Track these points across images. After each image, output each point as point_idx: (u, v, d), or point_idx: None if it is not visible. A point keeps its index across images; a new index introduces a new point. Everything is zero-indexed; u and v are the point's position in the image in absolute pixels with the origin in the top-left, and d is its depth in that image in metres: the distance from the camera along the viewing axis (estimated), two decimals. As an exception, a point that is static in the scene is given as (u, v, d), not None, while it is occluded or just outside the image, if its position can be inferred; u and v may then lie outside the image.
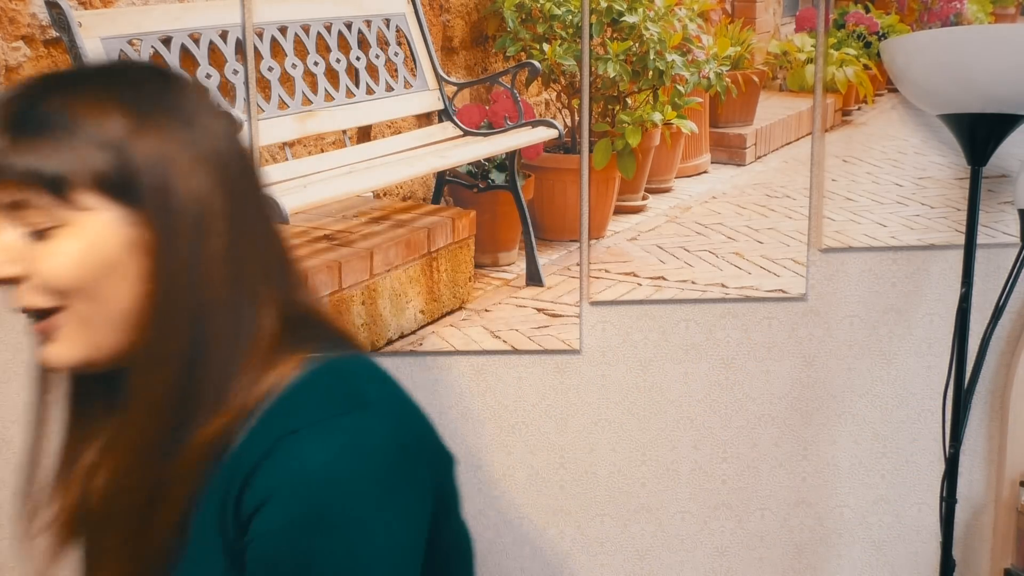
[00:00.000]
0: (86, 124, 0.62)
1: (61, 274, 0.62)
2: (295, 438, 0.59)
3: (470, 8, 1.24)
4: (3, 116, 0.62)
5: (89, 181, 0.61)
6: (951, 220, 1.33)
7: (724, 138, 1.30)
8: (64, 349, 0.65)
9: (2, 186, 0.61)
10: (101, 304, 0.63)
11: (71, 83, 0.64)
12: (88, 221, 0.62)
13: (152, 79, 0.66)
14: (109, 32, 1.19)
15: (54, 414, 0.76)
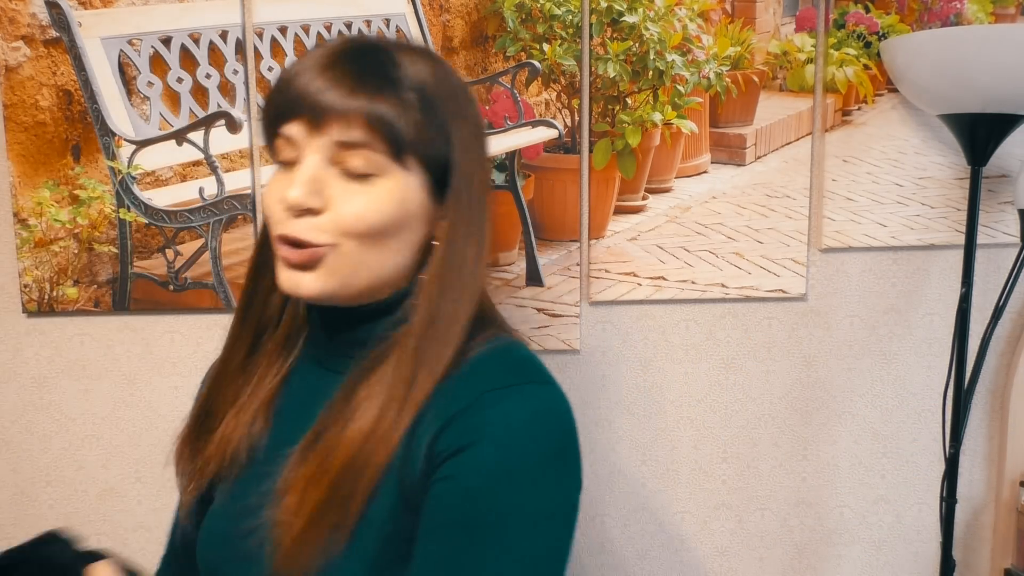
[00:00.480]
0: (440, 107, 0.70)
1: (365, 218, 0.67)
2: (500, 393, 0.67)
3: (470, 8, 1.24)
4: (371, 64, 0.68)
5: (422, 151, 0.69)
6: (951, 220, 1.33)
7: (724, 138, 1.30)
8: (320, 280, 0.69)
9: (349, 123, 0.66)
10: (377, 254, 0.70)
11: (430, 59, 0.72)
12: (405, 180, 0.69)
13: (459, 83, 0.74)
14: (109, 32, 1.19)
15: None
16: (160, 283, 1.25)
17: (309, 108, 0.67)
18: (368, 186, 0.68)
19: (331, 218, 0.68)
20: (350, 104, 0.66)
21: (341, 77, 0.67)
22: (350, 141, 0.67)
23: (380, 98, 0.66)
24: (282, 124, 0.69)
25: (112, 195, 1.22)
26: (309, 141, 0.68)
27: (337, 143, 0.67)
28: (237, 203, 1.24)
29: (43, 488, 1.29)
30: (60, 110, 1.20)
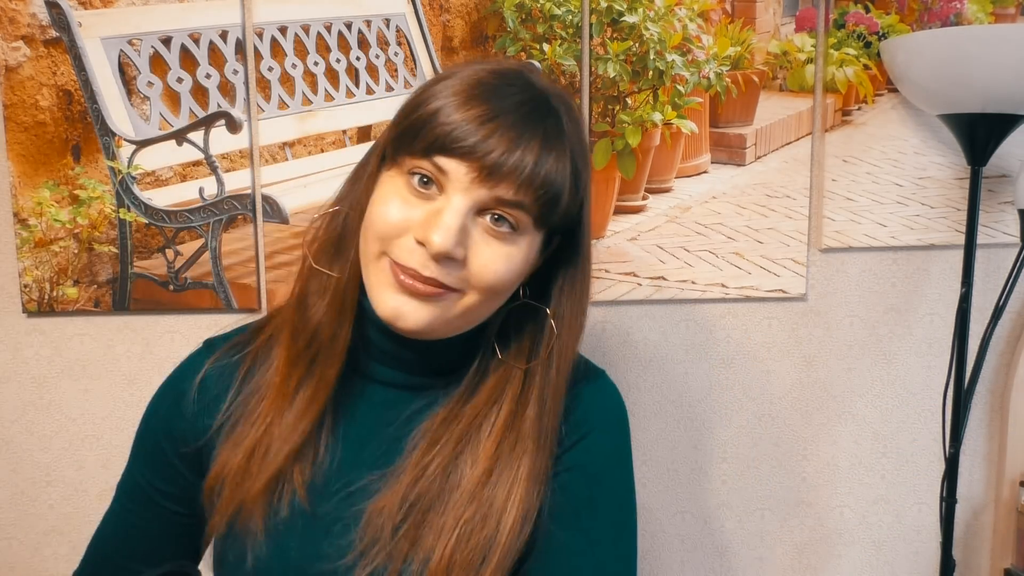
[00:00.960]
0: (583, 176, 0.72)
1: (500, 277, 0.69)
2: (589, 387, 0.79)
3: (470, 8, 1.24)
4: (553, 130, 0.68)
5: (561, 221, 0.71)
6: (951, 220, 1.33)
7: (724, 138, 1.30)
8: (428, 317, 0.69)
9: (521, 189, 0.66)
10: (489, 304, 0.72)
11: (576, 115, 0.73)
12: (533, 241, 0.71)
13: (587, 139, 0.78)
14: (109, 32, 1.19)
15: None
16: (160, 283, 1.25)
17: (489, 161, 0.65)
18: (506, 246, 0.69)
19: (471, 272, 0.68)
20: (533, 172, 0.66)
21: (529, 140, 0.66)
22: (515, 201, 0.66)
23: (555, 172, 0.67)
24: (444, 157, 0.66)
25: (112, 195, 1.22)
26: (468, 186, 0.66)
27: (498, 199, 0.66)
28: (237, 203, 1.24)
29: (43, 488, 1.29)
30: (60, 110, 1.20)
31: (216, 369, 0.81)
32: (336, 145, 1.25)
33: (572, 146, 0.69)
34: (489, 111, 0.66)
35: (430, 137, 0.66)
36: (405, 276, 0.67)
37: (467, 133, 0.65)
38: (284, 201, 1.25)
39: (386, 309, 0.69)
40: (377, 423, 0.76)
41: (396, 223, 0.68)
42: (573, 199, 0.71)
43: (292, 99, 1.24)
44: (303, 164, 1.25)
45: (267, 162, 1.24)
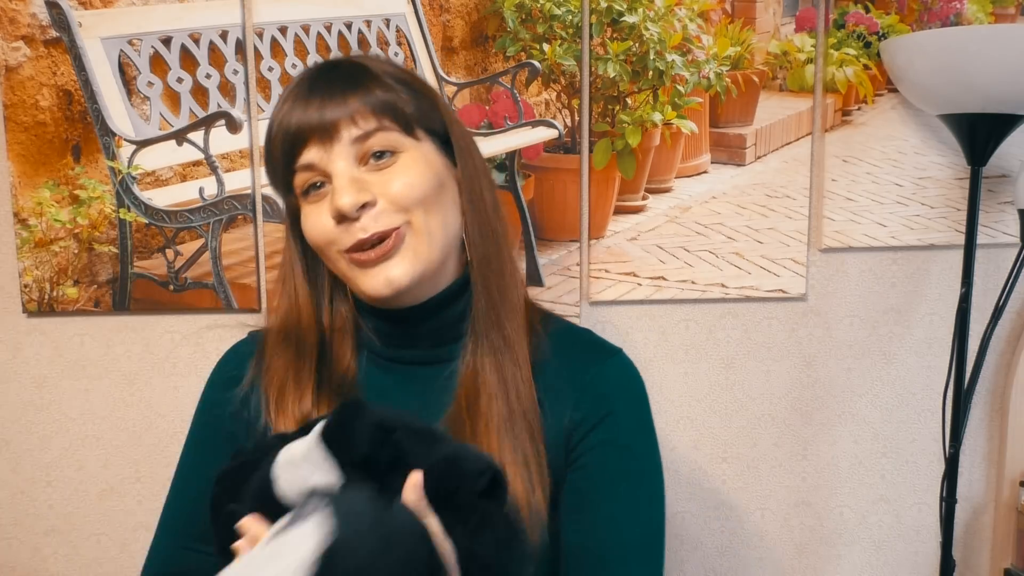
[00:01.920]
0: (419, 87, 0.78)
1: (412, 188, 0.74)
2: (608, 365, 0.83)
3: (470, 8, 1.24)
4: (347, 71, 0.75)
5: (425, 123, 0.77)
6: (951, 220, 1.33)
7: (724, 138, 1.30)
8: (406, 263, 0.74)
9: (356, 119, 0.72)
10: (436, 215, 0.76)
11: (381, 59, 0.80)
12: (422, 148, 0.76)
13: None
14: (109, 32, 1.19)
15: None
16: (160, 283, 1.25)
17: (315, 126, 0.72)
18: (396, 164, 0.74)
19: (387, 201, 0.74)
20: (351, 104, 0.72)
21: (328, 89, 0.73)
22: (364, 132, 0.73)
23: (372, 89, 0.74)
24: (297, 158, 0.74)
25: (112, 195, 1.22)
26: (328, 154, 0.73)
27: (354, 139, 0.73)
28: (237, 203, 1.24)
29: (43, 488, 1.29)
30: (60, 110, 1.20)
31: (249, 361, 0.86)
32: (336, 145, 1.25)
33: (379, 68, 0.76)
34: (299, 93, 0.74)
35: (278, 154, 0.75)
36: (362, 255, 0.74)
37: (289, 125, 0.74)
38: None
39: (375, 287, 0.75)
40: (406, 396, 0.81)
41: (321, 225, 0.75)
42: (418, 100, 0.77)
43: (292, 99, 1.24)
44: (303, 164, 1.25)
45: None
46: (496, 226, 0.81)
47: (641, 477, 0.82)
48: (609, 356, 0.85)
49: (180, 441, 1.30)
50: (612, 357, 0.85)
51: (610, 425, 0.81)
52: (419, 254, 0.75)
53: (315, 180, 0.75)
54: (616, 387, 0.83)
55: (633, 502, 0.80)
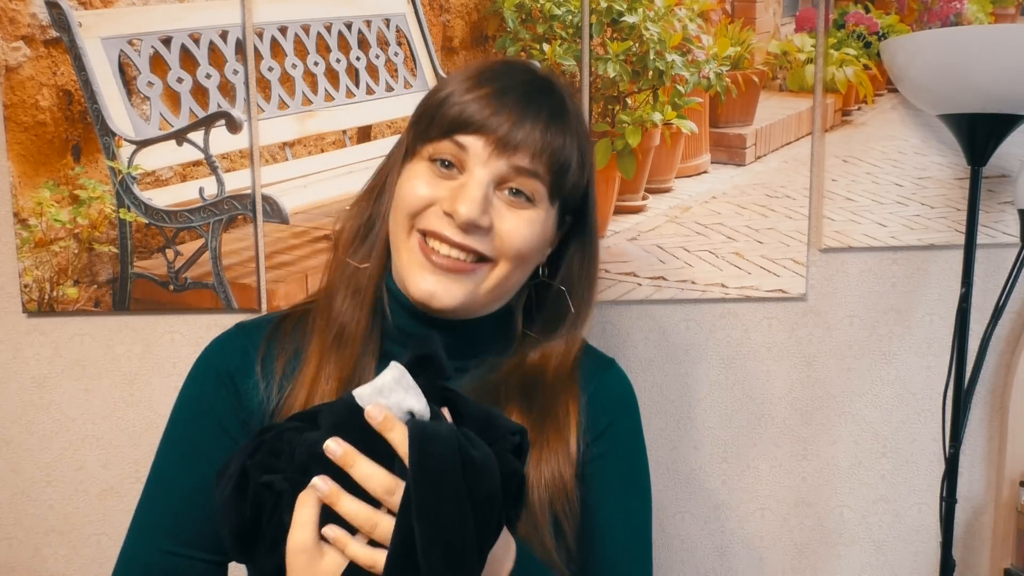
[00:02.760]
0: (586, 148, 0.78)
1: (525, 240, 0.74)
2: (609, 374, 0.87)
3: (470, 8, 1.24)
4: (558, 102, 0.75)
5: (568, 193, 0.77)
6: (951, 220, 1.33)
7: (724, 138, 1.30)
8: (460, 290, 0.74)
9: (535, 156, 0.72)
10: (516, 273, 0.77)
11: (576, 101, 0.80)
12: (550, 213, 0.77)
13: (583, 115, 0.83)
14: (109, 32, 1.19)
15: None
16: (160, 283, 1.25)
17: (503, 132, 0.71)
18: (525, 213, 0.74)
19: (497, 236, 0.74)
20: (544, 142, 0.72)
21: (537, 113, 0.72)
22: (527, 171, 0.73)
23: (562, 143, 0.73)
24: (462, 134, 0.72)
25: (112, 195, 1.22)
26: (486, 159, 0.72)
27: (514, 168, 0.72)
28: (237, 203, 1.24)
29: (43, 488, 1.29)
30: (60, 110, 1.20)
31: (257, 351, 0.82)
32: (336, 145, 1.25)
33: (575, 124, 0.76)
34: (496, 90, 0.72)
35: (446, 120, 0.73)
36: (437, 257, 0.73)
37: (479, 110, 0.71)
38: (284, 201, 1.25)
39: (420, 290, 0.73)
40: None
41: (424, 196, 0.73)
42: (580, 174, 0.77)
43: (292, 99, 1.24)
44: (303, 164, 1.25)
45: (267, 162, 1.24)
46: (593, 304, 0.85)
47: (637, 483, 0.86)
48: (609, 367, 0.88)
49: (180, 441, 1.30)
50: (612, 368, 0.88)
51: (611, 436, 0.84)
52: (478, 293, 0.75)
53: (452, 159, 0.73)
54: (617, 399, 0.86)
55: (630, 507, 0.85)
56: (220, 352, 0.83)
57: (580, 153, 0.76)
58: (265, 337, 0.82)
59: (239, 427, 0.80)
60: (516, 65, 0.77)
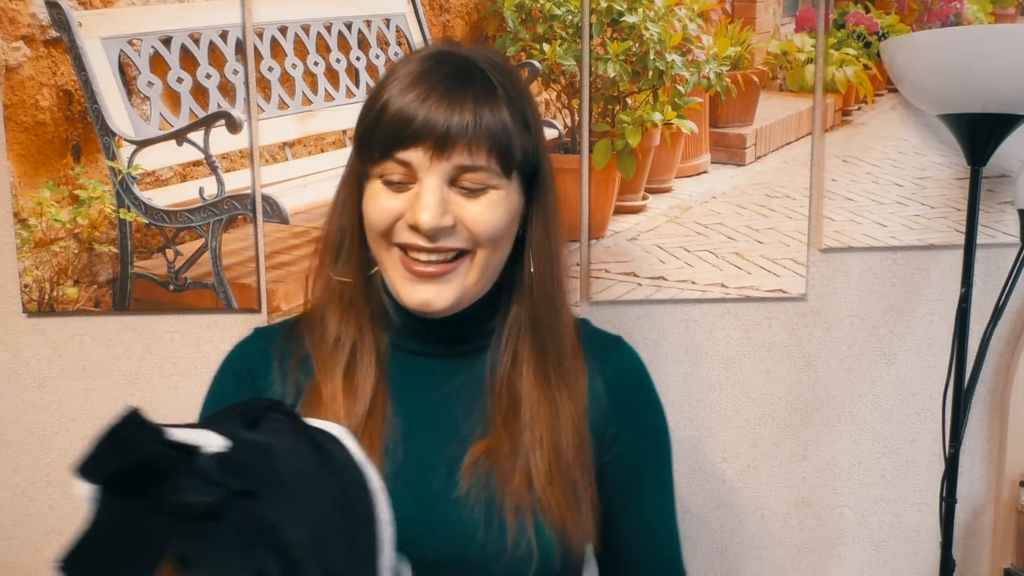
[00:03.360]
0: (529, 116, 0.79)
1: (490, 225, 0.76)
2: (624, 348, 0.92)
3: (470, 8, 1.24)
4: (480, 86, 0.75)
5: (523, 164, 0.79)
6: (951, 220, 1.33)
7: (724, 138, 1.30)
8: (449, 292, 0.78)
9: (473, 149, 0.74)
10: (496, 255, 0.79)
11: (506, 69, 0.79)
12: (510, 188, 0.78)
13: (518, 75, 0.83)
14: (109, 32, 1.19)
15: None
16: (160, 283, 1.25)
17: (435, 136, 0.73)
18: (484, 197, 0.76)
19: (464, 228, 0.76)
20: (476, 129, 0.73)
21: (462, 101, 0.73)
22: (472, 165, 0.74)
23: (497, 123, 0.75)
24: (400, 150, 0.74)
25: (112, 195, 1.22)
26: (429, 165, 0.74)
27: (458, 166, 0.74)
28: (237, 203, 1.24)
29: (43, 488, 1.29)
30: (60, 110, 1.20)
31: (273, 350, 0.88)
32: (336, 145, 1.25)
33: (505, 94, 0.76)
34: (420, 92, 0.73)
35: (381, 139, 0.75)
36: (418, 266, 0.76)
37: (409, 119, 0.73)
38: (284, 201, 1.25)
39: (413, 301, 0.78)
40: (424, 390, 0.84)
41: (388, 212, 0.76)
42: (527, 139, 0.78)
43: (292, 99, 1.24)
44: (303, 164, 1.25)
45: (267, 162, 1.24)
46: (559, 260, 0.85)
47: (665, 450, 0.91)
48: (619, 345, 0.92)
49: (180, 441, 1.30)
50: (622, 347, 0.92)
51: (638, 415, 0.89)
52: (466, 284, 0.79)
53: (401, 178, 0.76)
54: (634, 374, 0.91)
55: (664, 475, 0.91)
56: (240, 354, 0.90)
57: (519, 117, 0.77)
58: (281, 338, 0.88)
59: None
60: (437, 56, 0.77)
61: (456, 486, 0.79)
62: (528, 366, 0.83)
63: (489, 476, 0.79)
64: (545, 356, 0.83)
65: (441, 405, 0.83)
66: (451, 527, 0.78)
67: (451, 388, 0.84)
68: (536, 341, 0.83)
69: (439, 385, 0.84)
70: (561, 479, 0.80)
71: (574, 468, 0.81)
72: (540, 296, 0.83)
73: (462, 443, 0.81)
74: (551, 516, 0.78)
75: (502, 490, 0.78)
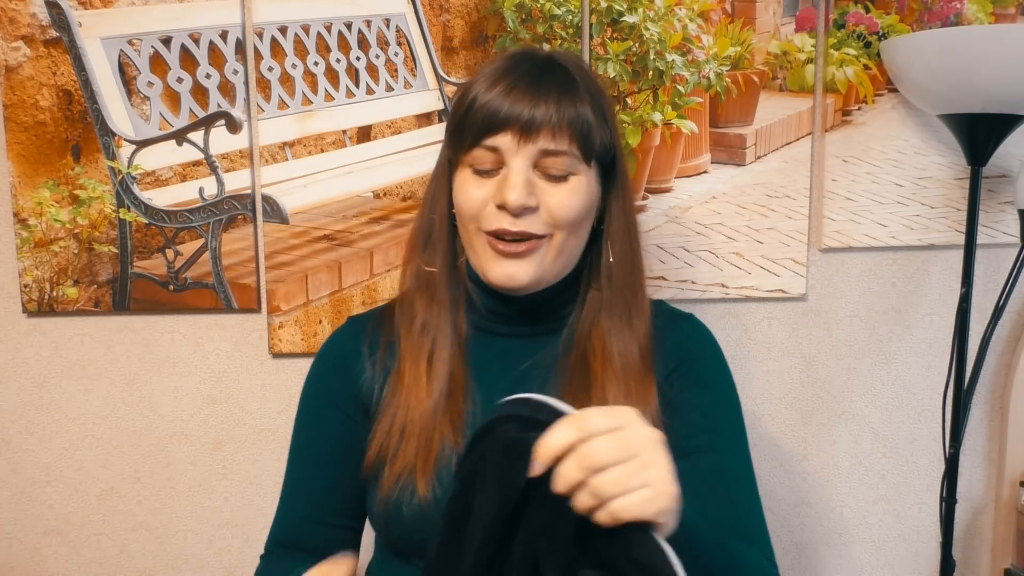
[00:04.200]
0: (607, 108, 0.85)
1: (571, 212, 0.82)
2: (692, 321, 0.96)
3: (470, 8, 1.24)
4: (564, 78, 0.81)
5: (602, 152, 0.84)
6: (951, 220, 1.33)
7: (724, 138, 1.30)
8: (530, 268, 0.83)
9: (556, 133, 0.79)
10: (575, 241, 0.85)
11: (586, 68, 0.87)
12: (590, 175, 0.84)
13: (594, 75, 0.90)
14: (109, 32, 1.19)
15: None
16: (160, 283, 1.25)
17: (521, 122, 0.79)
18: (566, 184, 0.82)
19: (546, 212, 0.81)
20: (559, 116, 0.79)
21: (547, 92, 0.79)
22: (555, 150, 0.80)
23: (579, 106, 0.80)
24: (489, 137, 0.81)
25: (112, 195, 1.22)
26: (517, 149, 0.80)
27: (543, 150, 0.80)
28: (237, 203, 1.24)
29: (43, 488, 1.29)
30: (60, 110, 1.20)
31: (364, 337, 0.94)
32: (336, 145, 1.25)
33: (585, 87, 0.82)
34: (507, 85, 0.80)
35: (473, 127, 0.81)
36: (502, 243, 0.82)
37: (497, 108, 0.79)
38: (284, 201, 1.25)
39: (497, 277, 0.83)
40: (504, 368, 0.89)
41: (478, 199, 0.82)
42: (604, 130, 0.83)
43: (292, 99, 1.24)
44: (303, 164, 1.25)
45: (267, 162, 1.24)
46: (638, 248, 0.90)
47: (732, 411, 0.93)
48: (687, 319, 0.97)
49: (180, 441, 1.31)
50: (690, 319, 0.97)
51: (693, 367, 0.91)
52: (545, 264, 0.84)
53: (490, 165, 0.81)
54: (695, 340, 0.94)
55: (727, 432, 0.92)
56: (334, 341, 0.97)
57: (599, 111, 0.82)
58: (371, 324, 0.94)
59: (352, 402, 0.91)
60: (520, 54, 0.85)
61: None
62: (600, 350, 0.87)
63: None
64: (622, 343, 0.87)
65: (519, 381, 0.88)
66: None
67: (529, 365, 0.89)
68: (612, 325, 0.87)
69: (518, 363, 0.89)
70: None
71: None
72: (619, 282, 0.88)
73: None
74: None
75: None
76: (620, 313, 0.88)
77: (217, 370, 1.28)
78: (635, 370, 0.87)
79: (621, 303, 0.88)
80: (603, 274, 0.88)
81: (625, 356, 0.87)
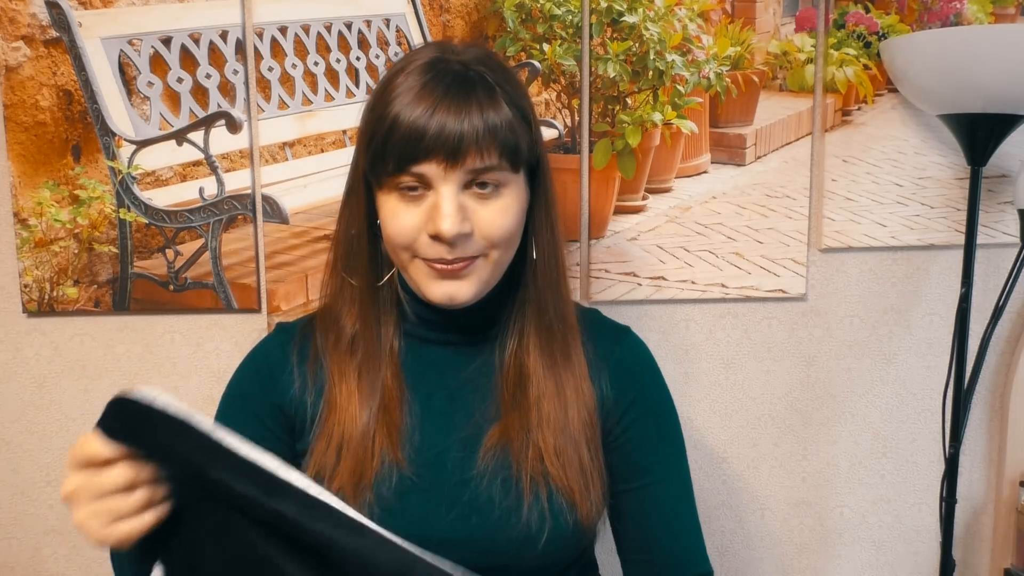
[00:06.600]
0: (528, 111, 0.82)
1: (504, 229, 0.80)
2: (632, 339, 0.97)
3: (470, 8, 1.24)
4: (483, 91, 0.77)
5: (528, 158, 0.82)
6: (951, 220, 1.33)
7: (724, 138, 1.30)
8: (472, 287, 0.81)
9: (484, 154, 0.76)
10: (511, 248, 0.83)
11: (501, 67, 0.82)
12: (518, 182, 0.82)
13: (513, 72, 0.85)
14: (109, 32, 1.19)
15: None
16: (160, 283, 1.25)
17: (447, 148, 0.75)
18: (498, 200, 0.80)
19: (480, 236, 0.79)
20: (484, 133, 0.76)
21: (469, 110, 0.76)
22: (485, 167, 0.77)
23: (502, 124, 0.77)
24: (414, 165, 0.76)
25: (112, 195, 1.22)
26: (445, 176, 0.76)
27: (472, 170, 0.77)
28: (237, 203, 1.24)
29: (43, 488, 1.29)
30: (60, 110, 1.20)
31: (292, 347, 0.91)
32: (336, 145, 1.25)
33: (505, 94, 0.79)
34: (428, 106, 0.75)
35: (394, 153, 0.77)
36: (441, 265, 0.80)
37: (420, 134, 0.75)
38: (284, 201, 1.25)
39: (438, 297, 0.81)
40: (440, 378, 0.88)
41: (408, 228, 0.79)
42: (528, 134, 0.81)
43: (292, 99, 1.24)
44: (303, 164, 1.25)
45: (267, 162, 1.24)
46: (560, 245, 0.89)
47: (673, 436, 0.93)
48: (626, 334, 0.97)
49: (180, 441, 1.30)
50: (628, 336, 0.97)
51: (643, 398, 0.92)
52: (483, 279, 0.82)
53: (416, 185, 0.78)
54: (640, 362, 0.95)
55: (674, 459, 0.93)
56: (261, 350, 0.93)
57: (520, 115, 0.80)
58: (299, 334, 0.92)
59: (271, 412, 0.88)
60: (435, 66, 0.78)
61: (473, 466, 0.83)
62: (534, 346, 0.87)
63: (504, 453, 0.84)
64: (551, 337, 0.87)
65: (457, 391, 0.87)
66: (467, 505, 0.82)
67: (466, 374, 0.88)
68: (541, 322, 0.87)
69: (455, 372, 0.88)
70: (568, 453, 0.84)
71: (581, 443, 0.85)
72: (544, 280, 0.87)
73: (477, 425, 0.85)
74: (561, 486, 0.83)
75: (516, 464, 0.83)
76: (547, 310, 0.88)
77: (217, 370, 1.28)
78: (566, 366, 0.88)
79: (547, 299, 0.88)
80: (527, 271, 0.87)
81: (555, 353, 0.87)
